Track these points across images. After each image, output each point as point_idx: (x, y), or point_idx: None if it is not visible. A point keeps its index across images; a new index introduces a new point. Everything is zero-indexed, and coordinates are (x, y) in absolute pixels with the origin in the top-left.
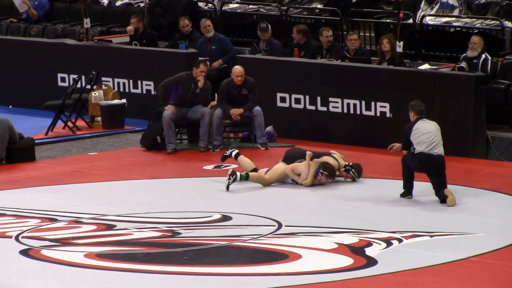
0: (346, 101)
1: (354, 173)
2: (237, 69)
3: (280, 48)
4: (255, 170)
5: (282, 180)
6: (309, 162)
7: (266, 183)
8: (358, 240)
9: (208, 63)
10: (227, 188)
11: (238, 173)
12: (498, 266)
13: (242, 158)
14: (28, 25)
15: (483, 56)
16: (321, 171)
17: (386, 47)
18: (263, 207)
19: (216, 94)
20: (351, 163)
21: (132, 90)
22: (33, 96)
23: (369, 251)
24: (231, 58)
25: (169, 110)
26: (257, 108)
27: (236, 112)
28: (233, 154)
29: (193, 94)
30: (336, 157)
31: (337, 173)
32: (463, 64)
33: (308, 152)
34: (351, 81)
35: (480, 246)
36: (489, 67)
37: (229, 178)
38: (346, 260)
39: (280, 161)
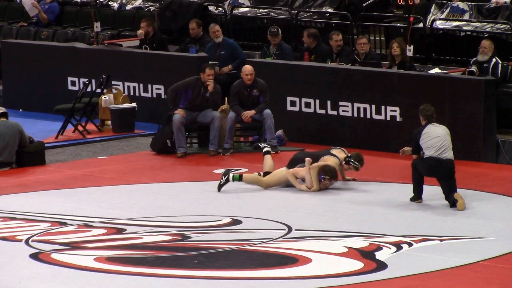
0: (356, 105)
1: (354, 162)
2: (247, 68)
3: (291, 52)
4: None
5: (282, 183)
6: (309, 168)
7: (263, 185)
8: (368, 244)
9: (216, 67)
10: (219, 189)
11: (231, 174)
12: (508, 270)
13: (268, 157)
14: (38, 28)
15: (494, 60)
16: (323, 176)
17: (396, 51)
18: (273, 211)
19: (226, 98)
20: (350, 154)
21: (142, 94)
22: (43, 100)
23: (379, 255)
24: (241, 63)
25: (179, 114)
26: (267, 111)
27: (248, 114)
28: (264, 150)
29: (203, 98)
30: (336, 152)
31: (343, 167)
32: (474, 68)
33: (307, 159)
34: (361, 85)
35: (490, 250)
36: (499, 71)
37: (221, 179)
38: (356, 264)
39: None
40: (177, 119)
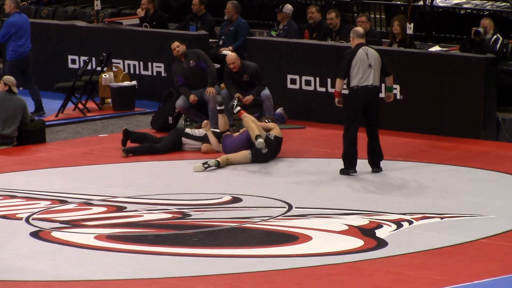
0: None
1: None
2: (228, 57)
3: (296, 30)
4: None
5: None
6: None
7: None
8: (369, 222)
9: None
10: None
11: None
12: (509, 248)
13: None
14: (39, 7)
15: (495, 36)
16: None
17: (396, 29)
18: (273, 189)
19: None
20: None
21: (143, 72)
22: (44, 78)
23: (379, 233)
24: (241, 44)
25: (180, 99)
26: (265, 92)
27: (247, 100)
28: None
29: (191, 71)
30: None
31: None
32: (480, 29)
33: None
34: None
35: (491, 228)
36: (498, 46)
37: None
38: (357, 242)
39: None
40: (178, 106)
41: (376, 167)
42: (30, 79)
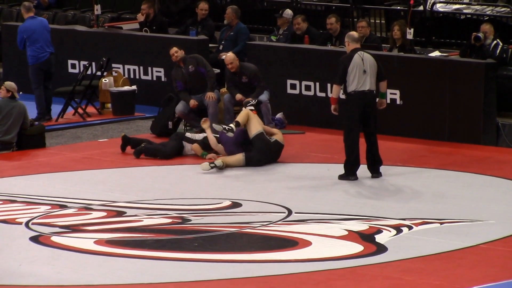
0: None
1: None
2: (227, 58)
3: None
4: None
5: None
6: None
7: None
8: (368, 227)
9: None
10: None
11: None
12: (508, 253)
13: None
14: (39, 11)
15: (495, 41)
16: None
17: (396, 34)
18: (273, 194)
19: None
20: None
21: (143, 77)
22: None
23: (379, 238)
24: (241, 49)
25: (180, 104)
26: (262, 97)
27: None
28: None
29: (191, 76)
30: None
31: None
32: (480, 34)
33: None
34: None
35: (490, 233)
36: (498, 51)
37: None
38: (356, 247)
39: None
40: (178, 111)
41: (375, 173)
42: (46, 86)
